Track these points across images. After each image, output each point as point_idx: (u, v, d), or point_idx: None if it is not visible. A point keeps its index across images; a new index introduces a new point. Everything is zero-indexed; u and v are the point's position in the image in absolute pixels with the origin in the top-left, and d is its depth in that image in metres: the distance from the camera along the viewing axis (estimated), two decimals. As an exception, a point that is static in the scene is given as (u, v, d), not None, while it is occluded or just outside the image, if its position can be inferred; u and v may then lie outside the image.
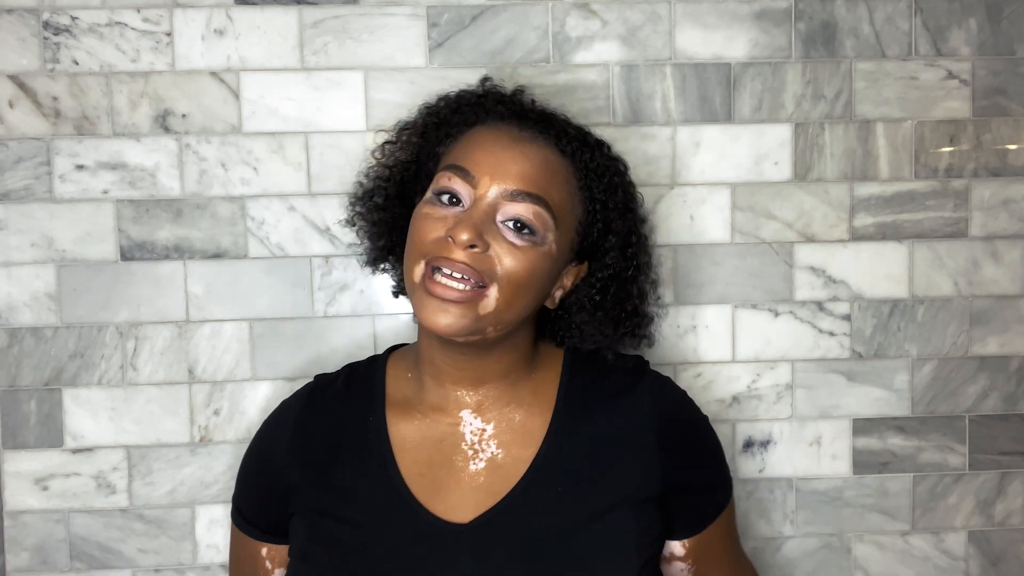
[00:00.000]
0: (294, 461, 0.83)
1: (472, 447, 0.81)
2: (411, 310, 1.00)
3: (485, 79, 0.91)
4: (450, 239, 0.74)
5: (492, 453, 0.80)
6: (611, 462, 0.80)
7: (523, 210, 0.75)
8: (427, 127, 0.86)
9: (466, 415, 0.82)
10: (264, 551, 0.86)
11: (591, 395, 0.84)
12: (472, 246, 0.74)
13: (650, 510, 0.80)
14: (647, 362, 0.88)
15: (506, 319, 0.77)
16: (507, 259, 0.75)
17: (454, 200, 0.77)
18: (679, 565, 0.86)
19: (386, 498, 0.79)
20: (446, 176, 0.77)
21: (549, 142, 0.80)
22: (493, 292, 0.75)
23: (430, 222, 0.76)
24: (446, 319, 0.74)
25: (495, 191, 0.76)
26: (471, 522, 0.77)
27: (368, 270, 0.98)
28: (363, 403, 0.85)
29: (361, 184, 0.92)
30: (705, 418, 0.88)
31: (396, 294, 0.96)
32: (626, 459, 0.80)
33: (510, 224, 0.76)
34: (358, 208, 0.92)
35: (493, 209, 0.76)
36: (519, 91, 0.88)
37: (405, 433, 0.82)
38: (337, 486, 0.81)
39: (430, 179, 0.82)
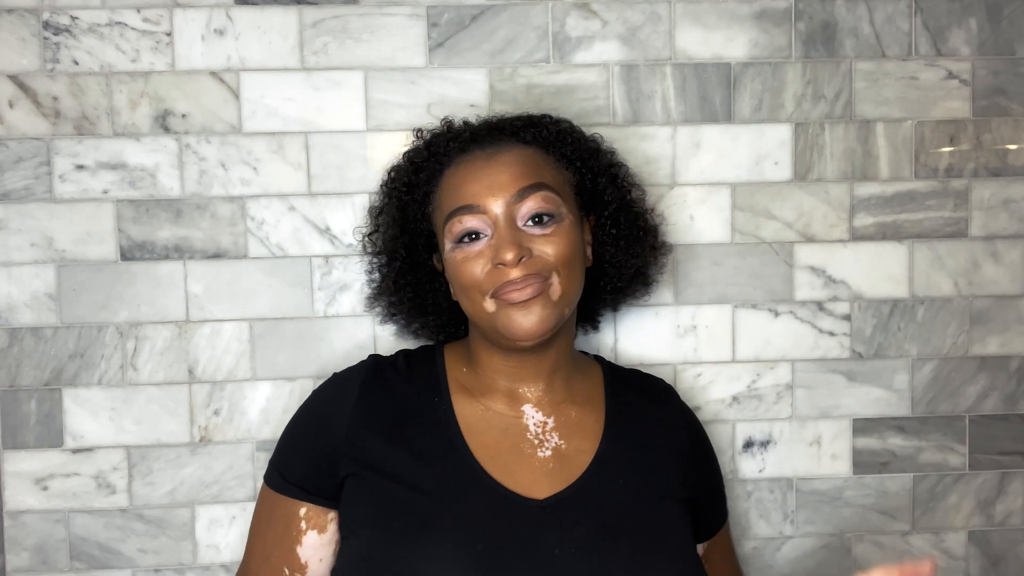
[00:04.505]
0: (360, 423, 0.85)
1: (537, 437, 0.86)
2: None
3: (416, 131, 0.97)
4: (500, 266, 0.81)
5: (556, 443, 0.86)
6: (658, 461, 0.88)
7: (534, 202, 0.83)
8: (401, 201, 0.93)
9: (527, 409, 0.88)
10: (303, 511, 0.85)
11: (633, 403, 0.91)
12: (520, 258, 0.81)
13: (690, 509, 0.87)
14: (672, 387, 0.98)
15: (571, 294, 0.85)
16: (549, 248, 0.82)
17: (476, 235, 0.84)
18: None
19: (461, 473, 0.82)
20: (457, 222, 0.84)
21: (512, 142, 0.88)
22: (555, 279, 0.83)
23: (470, 263, 0.83)
24: (531, 319, 0.81)
25: (503, 204, 0.83)
26: (547, 499, 0.82)
27: (365, 274, 1.04)
28: (427, 385, 0.89)
29: (373, 283, 1.00)
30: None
31: (439, 335, 1.01)
32: (669, 460, 0.89)
33: (532, 221, 0.83)
34: (384, 302, 1.00)
35: (512, 219, 0.83)
36: (448, 122, 0.95)
37: (471, 419, 0.87)
38: (406, 455, 0.83)
39: (430, 235, 0.91)
